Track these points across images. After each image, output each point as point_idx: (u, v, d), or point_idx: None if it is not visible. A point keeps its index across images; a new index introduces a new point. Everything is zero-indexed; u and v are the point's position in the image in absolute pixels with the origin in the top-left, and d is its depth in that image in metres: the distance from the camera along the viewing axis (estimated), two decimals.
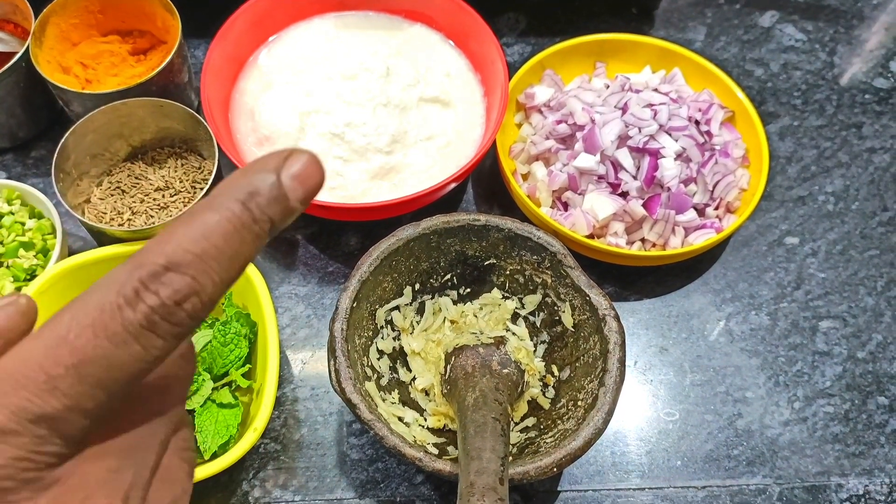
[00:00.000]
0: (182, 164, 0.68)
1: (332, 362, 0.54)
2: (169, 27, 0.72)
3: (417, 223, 0.60)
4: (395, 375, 0.60)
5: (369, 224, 0.70)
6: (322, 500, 0.59)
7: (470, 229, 0.60)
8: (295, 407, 0.62)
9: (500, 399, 0.53)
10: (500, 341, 0.58)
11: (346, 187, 0.67)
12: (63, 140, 0.62)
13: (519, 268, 0.62)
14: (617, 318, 0.56)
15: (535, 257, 0.60)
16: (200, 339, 0.58)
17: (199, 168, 0.68)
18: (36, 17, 0.68)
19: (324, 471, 0.60)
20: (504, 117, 0.67)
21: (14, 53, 0.70)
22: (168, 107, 0.65)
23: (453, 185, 0.65)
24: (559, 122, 0.69)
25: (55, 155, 0.61)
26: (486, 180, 0.73)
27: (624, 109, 0.68)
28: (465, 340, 0.58)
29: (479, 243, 0.61)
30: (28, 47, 0.67)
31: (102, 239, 0.63)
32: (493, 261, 0.62)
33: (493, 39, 0.70)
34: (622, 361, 0.55)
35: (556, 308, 0.61)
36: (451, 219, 0.60)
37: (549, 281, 0.60)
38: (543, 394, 0.60)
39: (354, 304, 0.56)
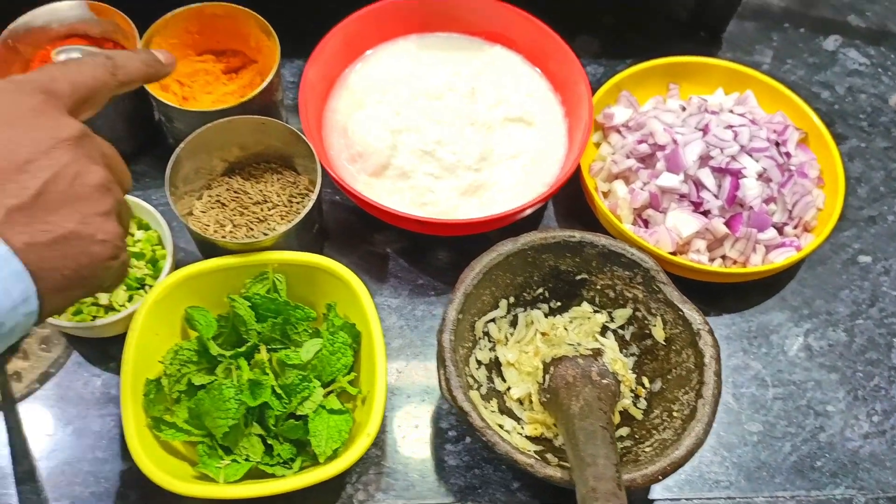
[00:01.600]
0: (278, 179, 0.71)
1: (441, 371, 0.57)
2: (262, 47, 0.75)
3: (516, 239, 0.62)
4: (491, 385, 0.63)
5: (457, 239, 0.72)
6: None
7: (565, 245, 0.63)
8: (393, 414, 0.65)
9: (604, 408, 0.56)
10: (598, 353, 0.60)
11: (437, 203, 0.69)
12: (175, 155, 0.64)
13: (610, 283, 0.64)
14: (711, 332, 0.59)
15: (627, 273, 0.63)
16: (311, 347, 0.60)
17: (294, 183, 0.71)
18: (140, 37, 0.71)
19: (423, 476, 0.62)
20: (589, 139, 0.69)
21: None
22: (269, 124, 0.68)
23: (540, 204, 0.68)
24: (640, 141, 0.72)
25: (168, 169, 0.64)
26: (566, 197, 0.76)
27: (704, 130, 0.70)
28: (564, 351, 0.60)
29: (572, 259, 0.64)
30: None
31: (208, 249, 0.66)
32: (584, 276, 0.65)
33: (576, 61, 0.73)
34: (718, 374, 0.57)
35: (646, 322, 0.63)
36: (548, 235, 0.62)
37: (641, 296, 0.63)
38: (635, 404, 0.62)
39: (459, 316, 0.59)
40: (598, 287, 0.65)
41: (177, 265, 0.65)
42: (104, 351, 0.67)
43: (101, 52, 0.46)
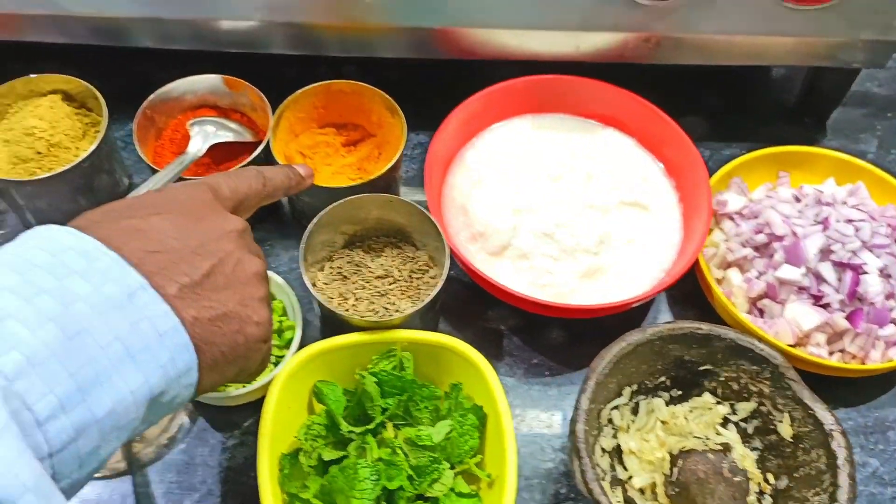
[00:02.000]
0: (398, 254, 0.73)
1: (577, 463, 0.57)
2: (383, 123, 0.77)
3: (643, 329, 0.63)
4: (614, 473, 0.63)
5: (573, 321, 0.73)
6: None
7: (692, 337, 0.63)
8: None
9: None
10: (727, 447, 0.60)
11: (555, 285, 0.70)
12: (309, 229, 0.66)
13: (735, 375, 0.64)
14: (844, 433, 0.59)
15: (753, 367, 0.63)
16: (442, 429, 0.61)
17: (414, 258, 0.72)
18: (272, 111, 0.74)
19: None
20: (709, 228, 0.70)
21: (247, 143, 0.76)
22: (396, 202, 0.69)
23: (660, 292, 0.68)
24: (757, 231, 0.73)
25: (302, 243, 0.66)
26: (679, 281, 0.76)
27: (824, 224, 0.71)
28: (692, 444, 0.61)
29: (698, 350, 0.64)
30: (269, 139, 0.72)
31: (332, 323, 0.67)
32: (708, 366, 0.65)
33: (692, 148, 0.75)
34: (853, 478, 0.57)
35: (771, 417, 0.63)
36: (676, 326, 0.63)
37: (767, 391, 0.63)
38: (760, 501, 0.62)
39: (592, 406, 0.60)
40: (722, 378, 0.65)
41: None
42: (228, 418, 0.68)
43: (253, 167, 0.55)
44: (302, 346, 0.65)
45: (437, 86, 0.83)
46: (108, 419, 0.36)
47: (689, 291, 0.75)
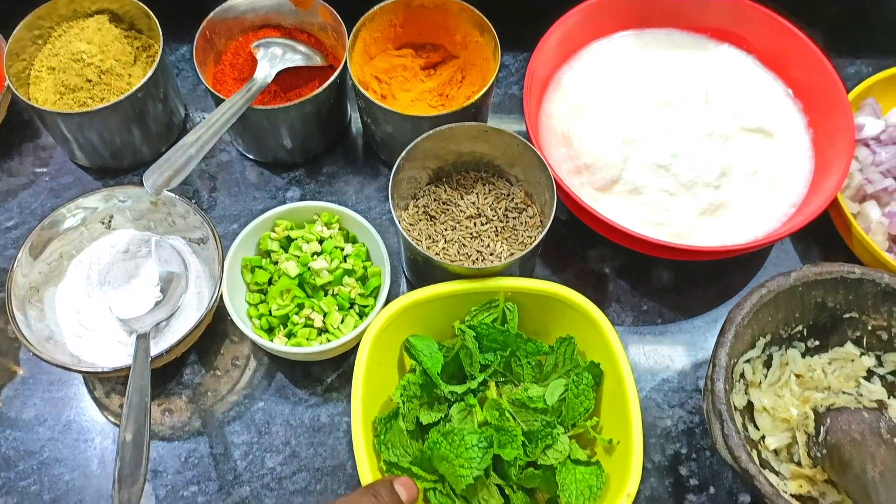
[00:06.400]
0: (490, 190, 0.65)
1: (717, 426, 0.50)
2: (469, 43, 0.69)
3: (787, 273, 0.55)
4: (746, 434, 0.56)
5: (682, 262, 0.66)
6: None
7: (841, 281, 0.55)
8: None
9: None
10: (882, 405, 0.53)
11: (672, 223, 0.62)
12: (397, 165, 0.58)
13: (885, 324, 0.56)
14: None
15: None
16: (556, 389, 0.55)
17: (509, 195, 0.64)
18: (348, 30, 0.66)
19: None
20: (853, 156, 0.61)
21: (316, 67, 0.67)
22: (492, 133, 0.61)
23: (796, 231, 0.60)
24: None
25: (391, 180, 0.58)
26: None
27: None
28: (843, 401, 0.53)
29: (844, 295, 0.56)
30: (346, 62, 0.64)
31: (423, 269, 0.60)
32: (854, 314, 0.57)
33: (826, 65, 0.65)
34: None
35: None
36: (823, 270, 0.55)
37: None
38: None
39: (729, 360, 0.52)
40: (869, 327, 0.57)
41: None
42: (308, 373, 0.62)
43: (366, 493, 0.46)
44: (388, 298, 0.59)
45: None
46: None
47: (813, 227, 0.66)
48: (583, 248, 0.68)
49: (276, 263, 0.62)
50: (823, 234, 0.67)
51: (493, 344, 0.57)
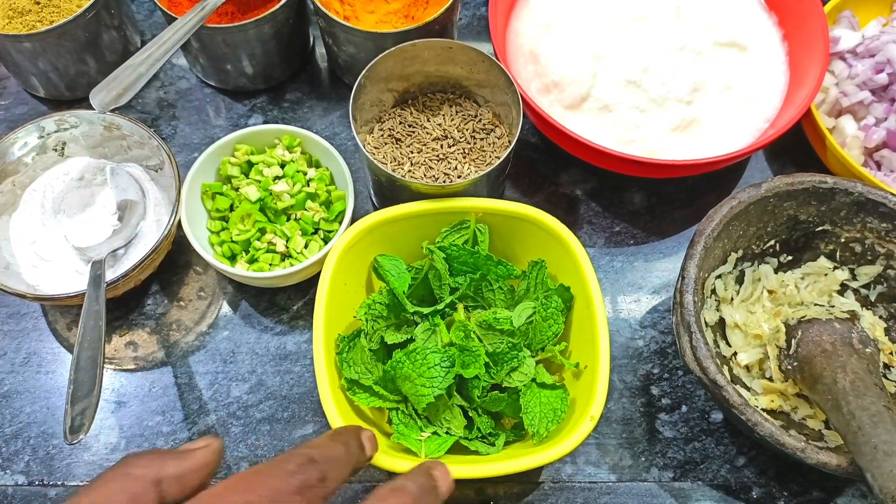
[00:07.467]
0: (457, 111, 0.63)
1: (687, 338, 0.49)
2: None
3: (758, 185, 0.54)
4: (717, 349, 0.55)
5: (655, 182, 0.64)
6: (639, 481, 0.55)
7: (814, 193, 0.54)
8: None
9: (879, 383, 0.48)
10: (853, 316, 0.52)
11: (645, 140, 0.61)
12: (358, 83, 0.56)
13: (859, 236, 0.55)
14: None
15: (884, 225, 0.54)
16: (523, 311, 0.53)
17: (476, 116, 0.63)
18: None
19: (635, 449, 0.56)
20: (826, 68, 0.60)
21: None
22: (457, 49, 0.59)
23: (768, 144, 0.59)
24: (878, 70, 0.62)
25: (351, 101, 0.56)
26: None
27: None
28: (814, 313, 0.52)
29: (817, 207, 0.55)
30: None
31: (387, 191, 0.59)
32: (826, 227, 0.56)
33: None
34: None
35: None
36: (795, 180, 0.54)
37: None
38: (886, 376, 0.54)
39: (699, 273, 0.51)
40: (842, 240, 0.56)
41: None
42: (274, 301, 0.61)
43: (296, 453, 0.32)
44: (353, 221, 0.57)
45: None
46: None
47: (791, 144, 0.65)
48: (554, 171, 0.66)
49: (237, 189, 0.60)
50: (800, 153, 0.66)
51: (464, 267, 0.56)
